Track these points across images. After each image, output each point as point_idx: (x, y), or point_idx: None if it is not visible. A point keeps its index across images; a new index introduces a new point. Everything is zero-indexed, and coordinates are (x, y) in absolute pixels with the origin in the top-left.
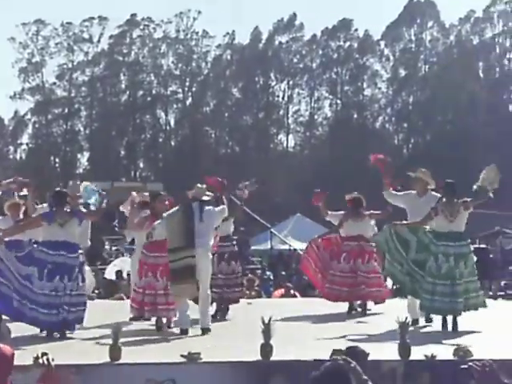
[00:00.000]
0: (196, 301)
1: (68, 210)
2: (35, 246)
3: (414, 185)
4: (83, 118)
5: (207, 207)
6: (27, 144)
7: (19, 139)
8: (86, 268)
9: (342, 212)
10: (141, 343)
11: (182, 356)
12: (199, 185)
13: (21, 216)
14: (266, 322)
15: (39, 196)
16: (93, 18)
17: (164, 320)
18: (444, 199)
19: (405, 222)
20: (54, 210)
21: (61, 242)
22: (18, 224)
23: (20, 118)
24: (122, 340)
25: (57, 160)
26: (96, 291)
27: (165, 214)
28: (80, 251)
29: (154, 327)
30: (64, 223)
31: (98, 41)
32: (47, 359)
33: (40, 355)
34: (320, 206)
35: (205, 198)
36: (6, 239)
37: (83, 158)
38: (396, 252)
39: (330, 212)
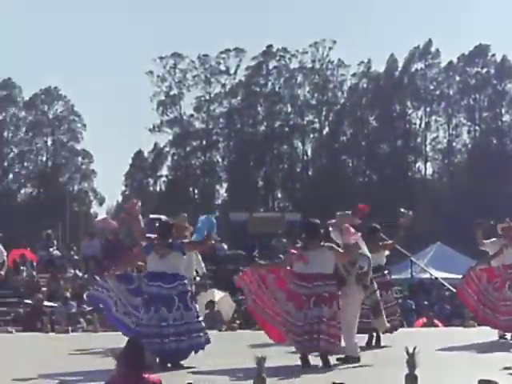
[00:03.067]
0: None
1: (170, 242)
2: (142, 278)
3: None
4: (221, 150)
5: None
6: (166, 176)
7: (159, 171)
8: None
9: (494, 239)
10: (286, 373)
11: None
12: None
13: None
14: (411, 352)
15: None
16: (229, 50)
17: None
18: None
19: None
20: (154, 241)
21: (159, 273)
22: (127, 259)
23: (159, 150)
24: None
25: (196, 191)
26: (237, 321)
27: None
28: (181, 281)
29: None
30: (164, 254)
31: (235, 72)
32: None
33: None
34: (477, 234)
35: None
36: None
37: (222, 189)
38: None
39: (485, 241)
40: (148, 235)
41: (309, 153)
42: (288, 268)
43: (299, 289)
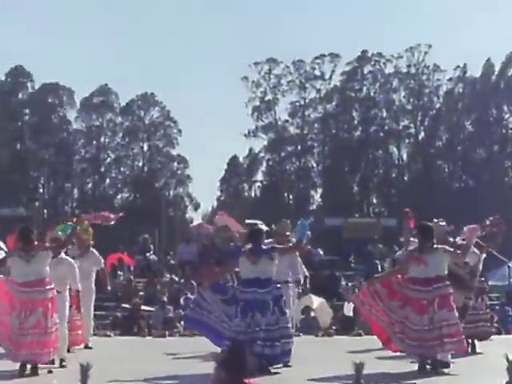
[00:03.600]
0: None
1: (260, 247)
2: (237, 287)
3: None
4: (316, 155)
5: None
6: (261, 181)
7: (254, 176)
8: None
9: None
10: (385, 380)
11: None
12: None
13: None
14: (511, 359)
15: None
16: (324, 56)
17: None
18: None
19: None
20: (244, 249)
21: (252, 279)
22: (220, 269)
23: (254, 155)
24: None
25: (290, 196)
26: (333, 327)
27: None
28: (276, 286)
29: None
30: (256, 261)
31: (330, 77)
32: None
33: None
34: None
35: None
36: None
37: (316, 195)
38: None
39: None
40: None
41: (404, 158)
42: (399, 276)
43: (416, 293)
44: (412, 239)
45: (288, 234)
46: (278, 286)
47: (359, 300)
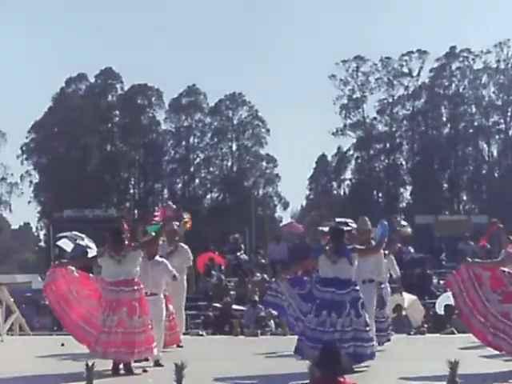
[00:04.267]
0: None
1: (339, 248)
2: (314, 283)
3: None
4: (405, 152)
5: None
6: (350, 179)
7: (342, 175)
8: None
9: None
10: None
11: None
12: None
13: None
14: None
15: None
16: (412, 52)
17: None
18: None
19: None
20: (325, 248)
21: (331, 278)
22: (300, 263)
23: (343, 154)
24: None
25: (380, 194)
26: (425, 325)
27: None
28: (354, 287)
29: None
30: (336, 260)
31: (418, 74)
32: None
33: None
34: None
35: None
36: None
37: (406, 192)
38: None
39: None
40: None
41: (494, 154)
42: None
43: None
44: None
45: (369, 229)
46: (357, 288)
47: (457, 280)
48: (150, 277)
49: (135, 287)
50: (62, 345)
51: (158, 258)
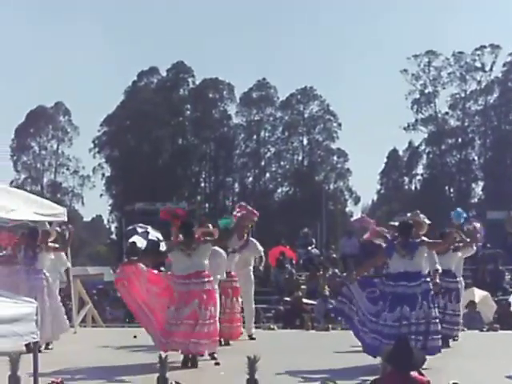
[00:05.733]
0: None
1: (413, 241)
2: (385, 281)
3: None
4: (477, 147)
5: None
6: (422, 174)
7: (414, 170)
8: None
9: None
10: None
11: None
12: None
13: None
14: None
15: None
16: (484, 47)
17: None
18: None
19: None
20: (394, 242)
21: (402, 272)
22: (371, 260)
23: (414, 149)
24: None
25: (451, 190)
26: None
27: None
28: (425, 279)
29: None
30: (406, 254)
31: (491, 69)
32: None
33: None
34: None
35: None
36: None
37: (478, 188)
38: None
39: None
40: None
41: None
42: None
43: None
44: None
45: (424, 223)
46: (428, 279)
47: None
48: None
49: (205, 279)
50: (135, 337)
51: (216, 247)
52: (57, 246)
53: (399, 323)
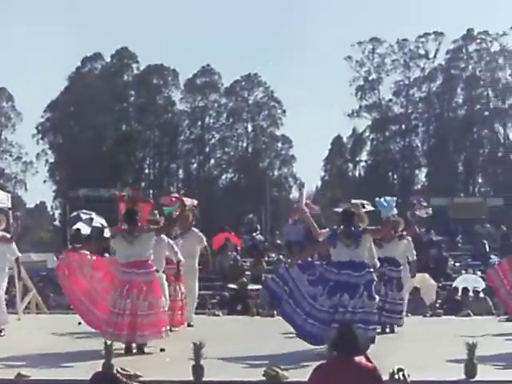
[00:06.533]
0: None
1: (355, 230)
2: (325, 266)
3: None
4: (420, 134)
5: None
6: (366, 161)
7: (358, 156)
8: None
9: None
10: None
11: None
12: None
13: None
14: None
15: None
16: (428, 34)
17: None
18: None
19: None
20: (338, 231)
21: (347, 261)
22: (314, 246)
23: (358, 135)
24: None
25: (395, 176)
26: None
27: None
28: (369, 269)
29: None
30: (350, 244)
31: (435, 56)
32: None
33: (396, 370)
34: None
35: None
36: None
37: (421, 174)
38: None
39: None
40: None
41: (510, 137)
42: None
43: None
44: None
45: (365, 215)
46: (371, 270)
47: (498, 274)
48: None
49: (147, 269)
50: (79, 323)
51: (162, 236)
52: (8, 235)
53: (335, 309)
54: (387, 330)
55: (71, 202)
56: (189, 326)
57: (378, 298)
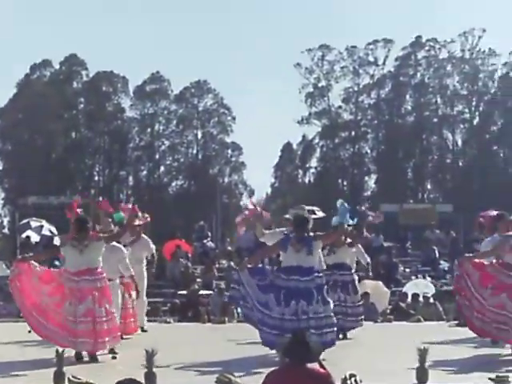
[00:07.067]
0: None
1: (307, 236)
2: (275, 272)
3: None
4: (370, 141)
5: None
6: (315, 168)
7: (308, 163)
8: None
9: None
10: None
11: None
12: None
13: None
14: None
15: None
16: (377, 41)
17: None
18: None
19: None
20: (290, 236)
21: (295, 267)
22: (263, 250)
23: (308, 142)
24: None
25: (345, 183)
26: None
27: None
28: (318, 274)
29: None
30: (300, 249)
31: (384, 63)
32: (355, 380)
33: (348, 376)
34: None
35: None
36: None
37: (371, 181)
38: None
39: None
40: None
41: (459, 143)
42: (495, 262)
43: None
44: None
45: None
46: (320, 275)
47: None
48: (105, 263)
49: (97, 276)
50: (29, 331)
51: (115, 243)
52: None
53: (297, 317)
54: (340, 336)
55: (20, 210)
56: (142, 330)
57: (332, 302)
